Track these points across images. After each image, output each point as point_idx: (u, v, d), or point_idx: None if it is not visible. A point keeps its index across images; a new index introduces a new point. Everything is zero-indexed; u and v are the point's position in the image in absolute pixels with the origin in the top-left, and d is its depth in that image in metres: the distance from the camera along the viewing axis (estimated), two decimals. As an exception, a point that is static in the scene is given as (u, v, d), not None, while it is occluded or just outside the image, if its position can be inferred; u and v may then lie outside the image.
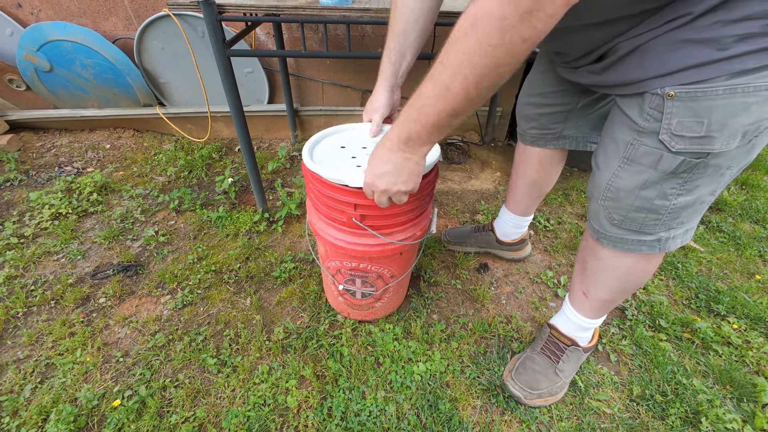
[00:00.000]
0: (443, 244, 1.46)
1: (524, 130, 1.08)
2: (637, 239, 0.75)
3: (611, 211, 0.74)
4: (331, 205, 0.82)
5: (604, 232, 0.78)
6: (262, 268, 1.34)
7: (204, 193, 1.69)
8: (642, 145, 0.65)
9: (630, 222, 0.73)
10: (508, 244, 1.36)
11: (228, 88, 1.17)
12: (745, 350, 1.12)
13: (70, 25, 1.71)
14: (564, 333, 1.03)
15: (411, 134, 0.61)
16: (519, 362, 1.04)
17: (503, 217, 1.31)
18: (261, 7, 1.08)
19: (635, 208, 0.70)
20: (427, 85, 0.54)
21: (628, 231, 0.74)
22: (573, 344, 1.01)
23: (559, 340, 1.03)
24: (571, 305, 1.00)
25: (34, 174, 1.77)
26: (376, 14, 1.08)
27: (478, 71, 0.49)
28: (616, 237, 0.77)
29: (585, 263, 0.89)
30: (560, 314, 1.06)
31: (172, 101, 2.03)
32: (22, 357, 1.07)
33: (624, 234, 0.75)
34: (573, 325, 1.01)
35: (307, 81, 1.99)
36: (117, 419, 0.93)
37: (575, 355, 1.01)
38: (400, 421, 0.95)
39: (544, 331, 1.07)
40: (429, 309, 1.23)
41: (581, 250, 0.91)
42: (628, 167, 0.68)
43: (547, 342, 1.04)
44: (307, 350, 1.10)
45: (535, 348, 1.06)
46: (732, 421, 0.95)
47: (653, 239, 0.74)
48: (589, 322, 0.97)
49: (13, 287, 1.25)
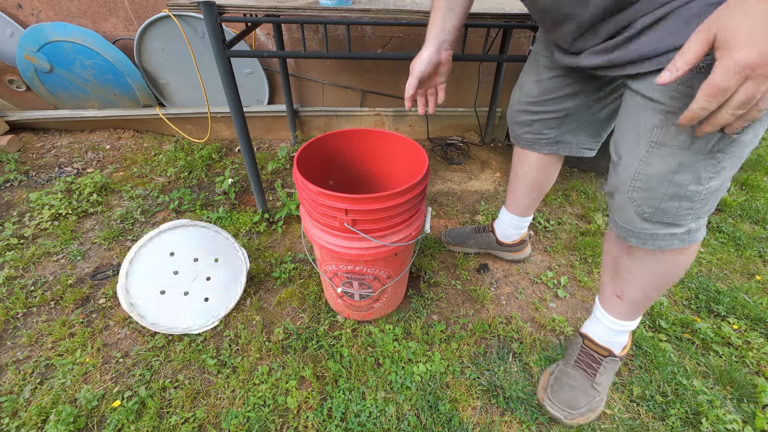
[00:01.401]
0: (443, 245, 1.46)
1: (518, 135, 1.07)
2: (669, 233, 0.70)
3: (641, 203, 0.69)
4: (322, 211, 0.83)
5: (632, 229, 0.73)
6: (262, 268, 1.34)
7: (204, 194, 1.69)
8: (672, 125, 0.59)
9: (662, 213, 0.68)
10: (508, 245, 1.36)
11: (228, 89, 1.17)
12: (746, 351, 1.12)
13: (70, 26, 1.71)
14: (599, 343, 0.97)
15: None
16: (553, 378, 0.98)
17: (503, 218, 1.31)
18: (261, 8, 1.08)
19: (668, 196, 0.65)
20: None
21: (660, 224, 0.70)
22: (609, 354, 0.96)
23: (595, 351, 0.97)
24: (604, 309, 0.95)
25: (34, 174, 1.77)
26: (376, 15, 1.08)
27: None
28: (646, 233, 0.72)
29: (616, 264, 0.85)
30: (592, 321, 1.00)
31: (172, 102, 2.04)
32: (21, 358, 1.07)
33: (655, 229, 0.71)
34: (608, 331, 0.95)
35: (307, 81, 1.99)
36: (117, 420, 0.93)
37: (612, 366, 0.97)
38: (400, 421, 0.95)
39: (577, 342, 1.02)
40: (429, 309, 1.23)
41: (608, 252, 0.87)
42: (657, 151, 0.63)
43: (581, 354, 0.99)
44: (307, 351, 1.09)
45: (568, 361, 1.00)
46: (732, 421, 0.95)
47: (683, 231, 0.70)
48: (626, 324, 0.93)
49: (13, 288, 1.25)
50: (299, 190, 0.87)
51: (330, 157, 1.04)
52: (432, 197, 1.76)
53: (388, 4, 1.13)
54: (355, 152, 1.07)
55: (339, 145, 1.03)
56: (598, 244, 1.46)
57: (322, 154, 1.01)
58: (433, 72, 0.83)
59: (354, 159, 1.08)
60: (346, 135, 1.02)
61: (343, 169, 1.09)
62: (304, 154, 0.92)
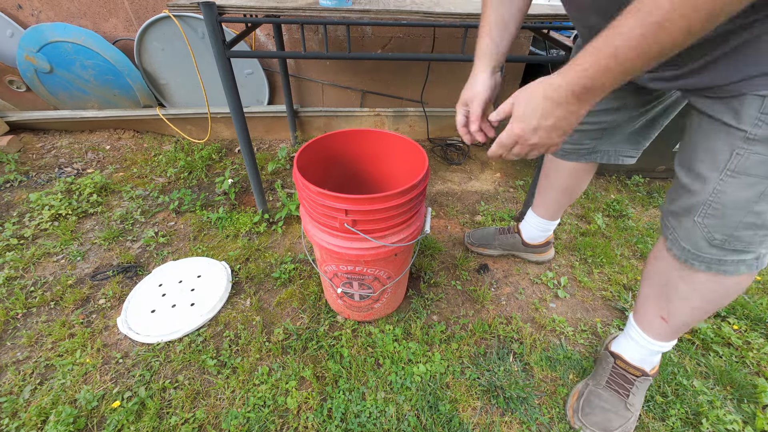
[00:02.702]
0: (466, 247, 1.45)
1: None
2: (737, 259, 0.66)
3: (712, 230, 0.65)
4: (322, 211, 0.83)
5: (698, 253, 0.68)
6: (262, 269, 1.34)
7: (204, 194, 1.69)
8: (754, 153, 0.57)
9: (735, 241, 0.64)
10: (533, 247, 1.35)
11: (228, 90, 1.17)
12: (746, 351, 1.12)
13: (70, 27, 1.71)
14: (632, 363, 0.94)
15: (592, 84, 0.50)
16: (583, 399, 0.95)
17: (530, 220, 1.30)
18: (261, 9, 1.08)
19: (745, 225, 0.62)
20: (626, 22, 0.44)
21: (730, 251, 0.66)
22: (642, 374, 0.93)
23: (627, 371, 0.94)
24: (642, 331, 0.90)
25: (34, 175, 1.77)
26: (376, 15, 1.08)
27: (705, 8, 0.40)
28: (713, 258, 0.67)
29: (667, 287, 0.79)
30: (626, 340, 0.96)
31: (172, 102, 2.04)
32: (21, 358, 1.07)
33: (723, 255, 0.66)
34: (645, 351, 0.92)
35: (307, 82, 1.99)
36: (116, 420, 0.92)
37: (644, 385, 0.94)
38: (400, 422, 0.95)
39: (607, 361, 0.98)
40: (429, 310, 1.23)
41: (657, 273, 0.81)
42: (734, 180, 0.60)
43: (613, 374, 0.95)
44: (307, 351, 1.09)
45: (599, 381, 0.96)
46: (733, 422, 0.95)
47: (753, 257, 0.66)
48: (664, 345, 0.89)
49: (13, 288, 1.25)
50: (299, 190, 0.87)
51: (330, 158, 1.04)
52: (432, 197, 1.76)
53: (388, 5, 1.13)
54: (355, 152, 1.07)
55: (339, 146, 1.03)
56: (599, 245, 1.46)
57: (322, 154, 1.01)
58: (490, 99, 0.76)
59: (354, 159, 1.08)
60: (346, 135, 1.02)
61: (344, 170, 1.09)
62: (304, 155, 0.92)
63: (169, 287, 1.26)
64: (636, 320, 0.92)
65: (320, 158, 1.01)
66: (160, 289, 1.25)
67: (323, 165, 1.03)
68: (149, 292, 1.25)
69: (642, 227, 1.59)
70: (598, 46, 0.48)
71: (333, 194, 0.78)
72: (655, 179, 1.91)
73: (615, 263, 1.41)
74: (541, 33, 1.31)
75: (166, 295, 1.24)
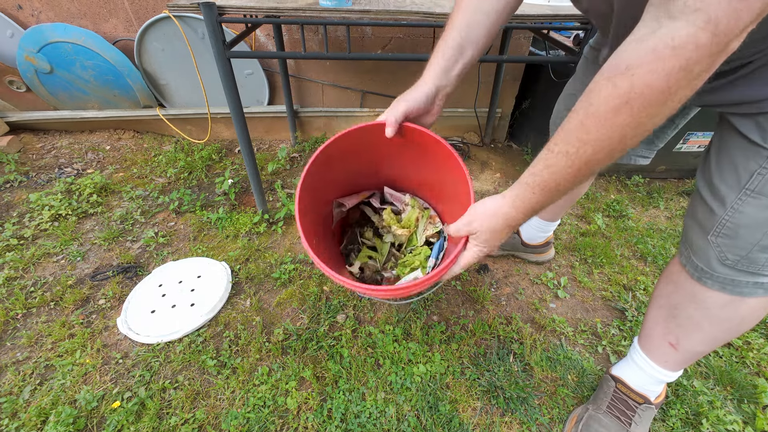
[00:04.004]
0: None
1: None
2: (753, 281, 0.62)
3: (724, 250, 0.62)
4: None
5: (710, 271, 0.65)
6: (261, 269, 1.34)
7: (204, 195, 1.69)
8: None
9: (747, 263, 0.61)
10: (533, 247, 1.36)
11: (228, 90, 1.17)
12: (746, 351, 1.12)
13: (70, 27, 1.71)
14: (634, 388, 0.90)
15: (535, 208, 0.58)
16: (582, 424, 0.90)
17: (530, 221, 1.30)
18: (261, 9, 1.08)
19: (759, 248, 0.59)
20: (558, 161, 0.51)
21: (744, 273, 0.62)
22: (645, 401, 0.88)
23: (629, 396, 0.90)
24: (647, 356, 0.86)
25: (34, 175, 1.77)
26: (375, 16, 1.08)
27: (626, 143, 0.46)
28: (726, 278, 0.64)
29: (677, 310, 0.75)
30: (628, 364, 0.92)
31: (172, 103, 2.04)
32: (21, 358, 1.07)
33: (736, 275, 0.63)
34: (649, 379, 0.87)
35: (307, 82, 1.99)
36: (116, 421, 0.92)
37: (648, 414, 0.89)
38: (400, 422, 0.95)
39: (608, 385, 0.94)
40: (429, 310, 1.23)
41: (669, 294, 0.76)
42: (752, 200, 0.57)
43: (614, 399, 0.91)
44: (307, 352, 1.09)
45: (599, 406, 0.92)
46: (733, 422, 0.95)
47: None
48: (669, 375, 0.84)
49: (13, 289, 1.25)
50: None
51: (339, 165, 0.86)
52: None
53: (388, 5, 1.14)
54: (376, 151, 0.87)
55: (347, 153, 0.85)
56: (598, 245, 1.46)
57: (329, 168, 0.84)
58: (422, 112, 0.73)
59: (369, 161, 0.91)
60: (354, 136, 0.80)
61: (361, 167, 0.92)
62: (307, 184, 0.76)
63: (169, 287, 1.26)
64: (641, 344, 0.88)
65: (327, 173, 0.84)
66: (160, 290, 1.26)
67: (332, 173, 0.86)
68: (149, 293, 1.25)
69: (642, 227, 1.59)
70: (530, 180, 0.55)
71: (352, 283, 0.70)
72: (655, 179, 1.92)
73: (615, 263, 1.41)
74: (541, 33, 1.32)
75: (166, 295, 1.24)
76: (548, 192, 0.54)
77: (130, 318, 1.17)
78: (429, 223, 0.97)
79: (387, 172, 0.97)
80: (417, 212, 0.97)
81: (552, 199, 0.56)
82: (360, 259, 0.98)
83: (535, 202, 0.57)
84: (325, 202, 0.94)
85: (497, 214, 0.61)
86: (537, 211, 0.59)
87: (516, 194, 0.58)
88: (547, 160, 0.52)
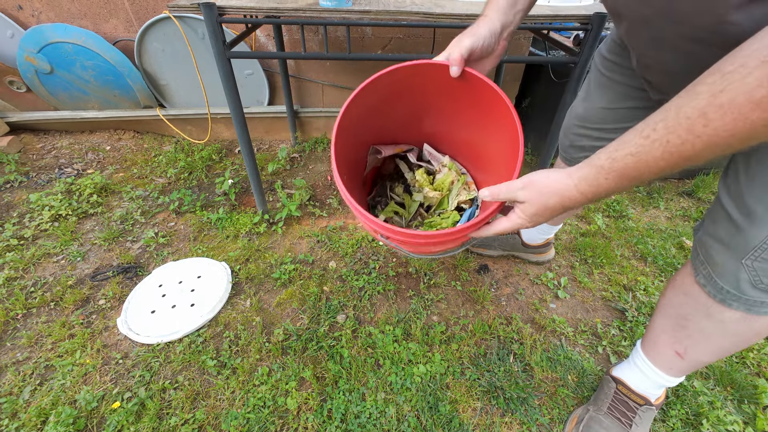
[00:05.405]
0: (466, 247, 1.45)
1: (573, 157, 0.97)
2: None
3: (761, 275, 0.58)
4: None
5: (739, 294, 0.62)
6: (262, 269, 1.34)
7: (204, 195, 1.69)
8: None
9: None
10: (533, 247, 1.36)
11: (228, 90, 1.17)
12: (746, 352, 1.12)
13: (70, 27, 1.71)
14: (634, 390, 0.90)
15: (601, 195, 0.52)
16: (583, 425, 0.90)
17: None
18: (261, 9, 1.08)
19: None
20: (653, 150, 0.44)
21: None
22: (646, 403, 0.88)
23: (630, 398, 0.90)
24: (650, 361, 0.85)
25: (34, 175, 1.77)
26: (375, 16, 1.08)
27: (745, 144, 0.39)
28: (754, 300, 0.61)
29: (688, 321, 0.73)
30: (630, 367, 0.92)
31: (173, 103, 2.04)
32: (21, 359, 1.07)
33: (765, 297, 0.61)
34: (650, 383, 0.87)
35: (307, 82, 1.99)
36: (116, 421, 0.92)
37: (648, 415, 0.89)
38: (400, 423, 0.95)
39: (609, 386, 0.94)
40: (429, 310, 1.23)
41: (680, 305, 0.74)
42: None
43: (615, 400, 0.91)
44: (307, 352, 1.09)
45: (600, 407, 0.92)
46: (733, 423, 0.95)
47: None
48: (671, 380, 0.84)
49: (13, 289, 1.25)
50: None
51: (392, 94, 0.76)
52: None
53: (388, 6, 1.14)
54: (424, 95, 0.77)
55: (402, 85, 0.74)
56: (599, 245, 1.46)
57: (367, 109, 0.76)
58: (485, 53, 0.66)
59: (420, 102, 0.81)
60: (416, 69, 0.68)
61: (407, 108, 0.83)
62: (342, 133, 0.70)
63: (169, 288, 1.26)
64: (644, 349, 0.87)
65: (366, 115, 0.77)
66: (160, 290, 1.26)
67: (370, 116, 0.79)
68: (149, 293, 1.25)
69: (642, 228, 1.59)
70: (621, 168, 0.47)
71: (378, 222, 0.64)
72: (655, 180, 1.91)
73: (615, 264, 1.41)
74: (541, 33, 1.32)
75: (166, 295, 1.24)
76: (624, 180, 0.48)
77: (130, 318, 1.17)
78: (463, 189, 0.91)
79: (429, 127, 0.89)
80: (453, 176, 0.91)
81: (624, 189, 0.50)
82: (386, 213, 0.93)
83: (604, 189, 0.50)
84: (360, 146, 0.87)
85: (557, 191, 0.55)
86: (601, 199, 0.53)
87: (584, 176, 0.51)
88: (636, 146, 0.45)
